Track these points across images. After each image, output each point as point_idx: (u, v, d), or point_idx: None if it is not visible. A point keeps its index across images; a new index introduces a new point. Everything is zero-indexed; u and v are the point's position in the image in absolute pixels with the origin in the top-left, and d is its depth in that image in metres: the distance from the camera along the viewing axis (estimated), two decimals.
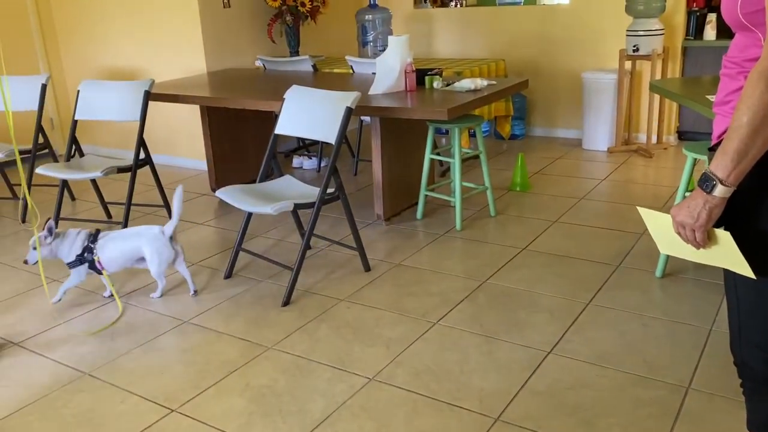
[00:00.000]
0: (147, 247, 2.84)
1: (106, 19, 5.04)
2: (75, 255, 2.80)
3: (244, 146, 4.45)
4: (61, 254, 2.81)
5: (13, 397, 2.24)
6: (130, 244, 2.86)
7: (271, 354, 2.46)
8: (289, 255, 3.33)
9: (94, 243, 2.82)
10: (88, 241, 2.82)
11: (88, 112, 3.73)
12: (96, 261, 2.81)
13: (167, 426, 2.07)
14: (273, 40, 5.09)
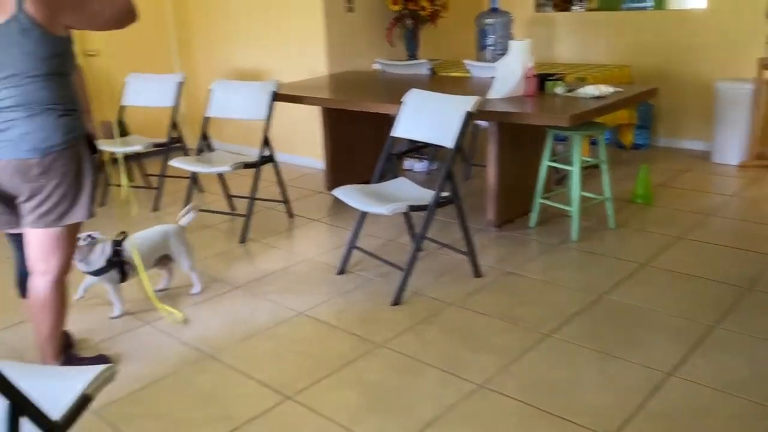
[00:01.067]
0: (174, 242, 2.95)
1: (236, 23, 5.32)
2: (105, 260, 2.72)
3: (359, 147, 4.55)
4: (92, 261, 2.71)
5: (146, 372, 2.42)
6: (158, 241, 2.90)
7: (382, 351, 2.51)
8: (398, 255, 3.37)
9: (120, 246, 2.77)
10: (114, 246, 2.76)
11: (218, 110, 3.96)
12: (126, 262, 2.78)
13: (283, 412, 2.16)
14: (392, 43, 5.18)
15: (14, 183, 2.05)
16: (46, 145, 2.02)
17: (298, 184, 4.77)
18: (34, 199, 2.07)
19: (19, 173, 2.02)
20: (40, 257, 2.16)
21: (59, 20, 1.98)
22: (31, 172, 2.03)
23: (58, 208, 2.09)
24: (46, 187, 2.06)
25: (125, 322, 2.80)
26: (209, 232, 3.88)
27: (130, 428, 2.11)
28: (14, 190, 2.08)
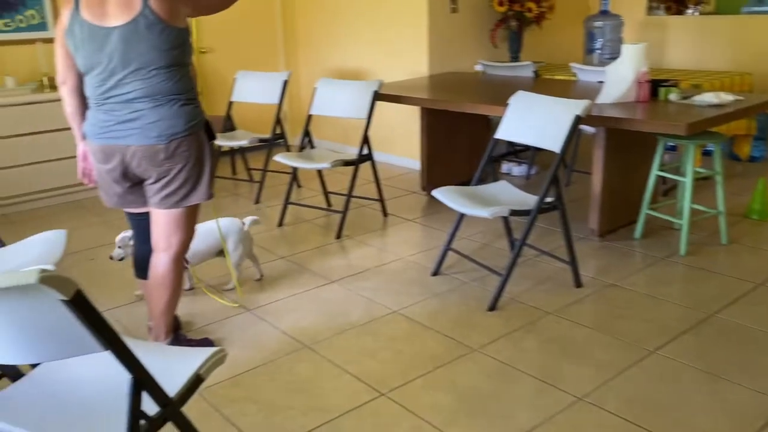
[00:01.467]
0: (232, 239, 2.99)
1: (340, 23, 5.42)
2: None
3: (457, 148, 4.52)
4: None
5: (246, 358, 2.50)
6: (214, 236, 2.94)
7: (477, 356, 2.47)
8: (495, 259, 3.32)
9: None
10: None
11: (321, 108, 4.04)
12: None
13: (377, 408, 2.17)
14: (495, 44, 5.11)
15: (143, 167, 2.20)
16: (171, 132, 2.16)
17: (394, 183, 4.80)
18: (161, 181, 2.22)
19: (147, 158, 2.18)
20: (163, 235, 2.31)
21: (179, 12, 2.11)
22: (158, 157, 2.17)
23: (181, 190, 2.24)
24: (171, 171, 2.20)
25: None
26: (306, 227, 3.97)
27: (229, 410, 2.18)
28: (143, 173, 2.23)
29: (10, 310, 1.19)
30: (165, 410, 1.41)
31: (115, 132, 2.17)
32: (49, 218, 4.23)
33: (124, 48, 2.07)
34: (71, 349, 1.27)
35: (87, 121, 2.26)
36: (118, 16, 2.06)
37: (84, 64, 2.15)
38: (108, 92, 2.15)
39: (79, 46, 2.11)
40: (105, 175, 2.29)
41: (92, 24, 2.08)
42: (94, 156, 2.28)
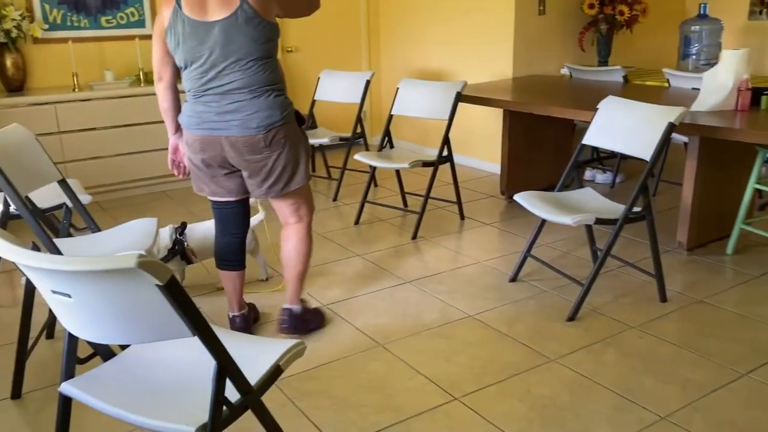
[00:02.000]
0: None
1: (423, 24, 5.41)
2: (167, 249, 2.88)
3: (539, 153, 4.42)
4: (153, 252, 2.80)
5: (321, 352, 2.53)
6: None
7: (554, 366, 2.40)
8: (575, 269, 3.22)
9: (182, 235, 2.93)
10: (176, 234, 2.92)
11: (403, 108, 4.04)
12: (188, 250, 2.93)
13: (450, 412, 2.15)
14: (583, 48, 4.98)
15: (241, 157, 2.32)
16: (270, 122, 2.27)
17: (472, 186, 4.75)
18: (261, 173, 2.35)
19: (247, 147, 2.29)
20: (290, 213, 2.50)
21: (271, 9, 2.24)
22: (258, 146, 2.29)
23: (282, 177, 2.37)
24: (270, 159, 2.32)
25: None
26: (382, 226, 3.98)
27: (303, 403, 2.21)
28: (238, 164, 2.35)
29: (108, 292, 1.24)
30: (246, 398, 1.44)
31: (215, 123, 2.28)
32: (137, 207, 4.43)
33: (225, 41, 2.19)
34: (162, 332, 1.31)
35: (184, 113, 2.37)
36: (218, 11, 2.19)
37: (185, 58, 2.26)
38: (207, 84, 2.26)
39: (181, 41, 2.23)
40: (200, 165, 2.40)
41: (194, 20, 2.21)
42: (190, 147, 2.38)
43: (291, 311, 2.63)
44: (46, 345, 2.62)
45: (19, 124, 2.41)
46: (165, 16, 2.26)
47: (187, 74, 2.30)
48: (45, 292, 1.33)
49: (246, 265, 2.63)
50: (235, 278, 2.59)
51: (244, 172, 2.37)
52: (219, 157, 2.34)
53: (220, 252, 2.59)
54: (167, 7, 2.25)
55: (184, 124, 2.37)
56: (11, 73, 4.36)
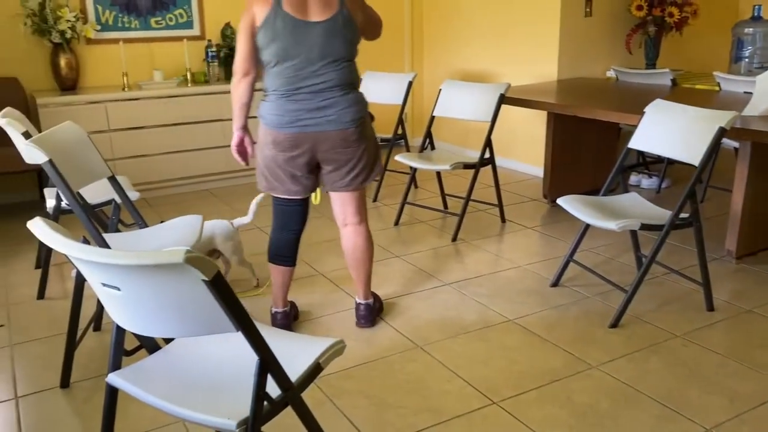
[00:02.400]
0: (220, 239, 2.97)
1: (467, 25, 5.39)
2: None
3: (583, 157, 4.36)
4: None
5: (360, 352, 2.54)
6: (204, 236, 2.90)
7: (595, 373, 2.37)
8: (619, 275, 3.17)
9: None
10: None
11: (445, 109, 4.03)
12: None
13: (488, 416, 2.13)
14: (630, 50, 4.88)
15: (332, 152, 2.43)
16: (359, 117, 2.43)
17: (514, 189, 4.71)
18: (347, 165, 2.47)
19: (339, 142, 2.41)
20: (355, 212, 2.60)
21: (359, 17, 2.42)
22: (350, 140, 2.43)
23: (365, 170, 2.52)
24: (358, 152, 2.46)
25: (343, 301, 2.97)
26: (422, 227, 3.97)
27: (341, 401, 2.22)
28: (327, 159, 2.45)
29: (156, 286, 1.27)
30: (286, 394, 1.46)
31: (307, 120, 2.38)
32: (182, 204, 4.52)
33: (324, 42, 2.33)
34: (206, 327, 1.34)
35: (269, 113, 2.42)
36: (320, 13, 2.33)
37: (278, 54, 2.34)
38: (300, 82, 2.36)
39: (277, 37, 2.31)
40: (282, 164, 2.45)
41: (295, 18, 2.30)
42: (278, 145, 2.42)
43: (369, 305, 2.75)
44: (94, 337, 2.70)
45: (72, 122, 2.48)
46: (257, 13, 2.32)
47: (276, 71, 2.37)
48: (95, 284, 1.37)
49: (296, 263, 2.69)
50: (286, 273, 2.64)
51: (329, 167, 2.47)
52: (308, 154, 2.43)
53: (276, 247, 2.62)
54: (262, 5, 2.31)
55: (271, 124, 2.41)
56: (65, 73, 4.50)
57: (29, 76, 4.53)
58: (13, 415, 2.19)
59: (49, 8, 4.32)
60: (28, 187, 4.63)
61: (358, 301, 2.75)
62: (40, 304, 3.02)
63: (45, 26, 4.32)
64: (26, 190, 4.64)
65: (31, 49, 4.50)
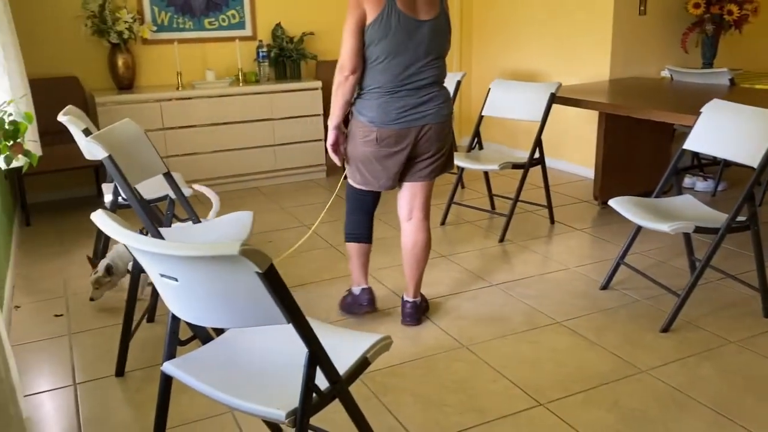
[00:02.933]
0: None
1: (516, 24, 5.34)
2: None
3: (636, 158, 4.27)
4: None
5: (406, 350, 2.55)
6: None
7: (645, 378, 2.32)
8: (671, 278, 3.09)
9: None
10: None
11: (494, 109, 4.00)
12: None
13: (534, 417, 2.11)
14: (686, 50, 4.76)
15: (430, 144, 2.53)
16: (450, 111, 2.58)
17: (563, 190, 4.64)
18: (437, 155, 2.57)
19: (436, 133, 2.52)
20: (422, 205, 2.67)
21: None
22: (444, 131, 2.55)
23: (448, 160, 2.65)
24: (447, 143, 2.59)
25: (388, 299, 2.98)
26: (468, 228, 3.96)
27: (387, 398, 2.24)
28: (425, 150, 2.54)
29: (212, 277, 1.31)
30: (335, 387, 1.48)
31: (411, 115, 2.47)
32: (232, 201, 4.62)
33: (429, 39, 2.44)
34: (258, 318, 1.37)
35: (371, 109, 2.47)
36: (427, 12, 2.42)
37: (389, 51, 2.40)
38: (406, 78, 2.44)
39: (390, 34, 2.38)
40: (383, 159, 2.52)
41: (408, 16, 2.38)
42: (382, 142, 2.48)
43: (416, 304, 2.77)
44: (147, 328, 2.78)
45: (130, 120, 2.57)
46: (368, 11, 2.36)
47: (381, 68, 2.42)
48: (154, 275, 1.42)
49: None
50: (365, 250, 2.75)
51: (420, 158, 2.56)
52: (409, 149, 2.51)
53: (355, 227, 2.72)
54: (374, 3, 2.35)
55: (376, 121, 2.46)
56: (122, 72, 4.65)
57: (88, 76, 4.69)
58: (72, 401, 2.27)
59: (108, 10, 4.47)
60: (86, 183, 4.80)
61: (405, 299, 2.77)
62: None
63: (104, 27, 4.47)
64: (84, 185, 4.81)
65: (91, 50, 4.66)
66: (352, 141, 2.55)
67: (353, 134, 2.54)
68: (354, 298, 2.82)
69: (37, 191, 4.63)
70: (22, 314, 2.94)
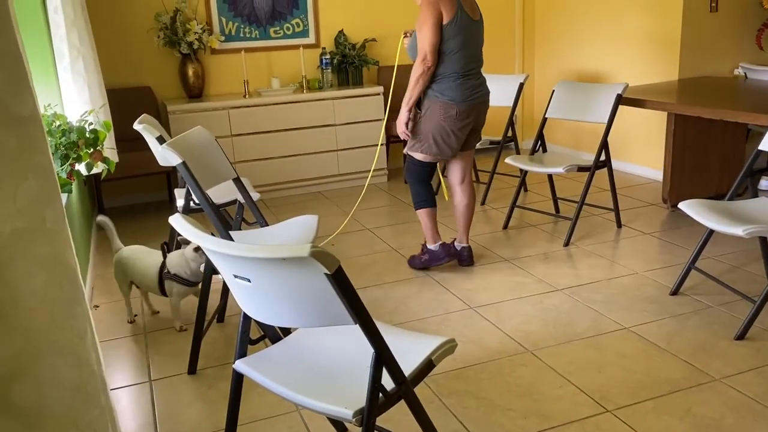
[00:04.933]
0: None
1: (580, 24, 5.25)
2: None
3: (707, 159, 4.13)
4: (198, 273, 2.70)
5: (470, 354, 2.55)
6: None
7: (719, 386, 2.24)
8: (745, 284, 2.98)
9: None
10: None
11: (558, 111, 3.95)
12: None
13: (601, 424, 2.08)
14: (761, 46, 4.57)
15: (482, 117, 3.21)
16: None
17: (630, 193, 4.53)
18: (482, 127, 3.26)
19: (485, 110, 3.23)
20: (467, 170, 3.31)
21: None
22: (486, 109, 3.24)
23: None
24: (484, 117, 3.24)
25: (451, 303, 2.98)
26: (532, 231, 3.91)
27: (451, 401, 2.24)
28: (479, 123, 3.21)
29: (282, 278, 1.36)
30: (400, 387, 1.50)
31: (476, 94, 3.12)
32: (297, 205, 4.71)
33: (479, 34, 3.10)
34: (326, 318, 1.40)
35: (451, 89, 3.04)
36: (476, 14, 3.09)
37: (462, 44, 3.00)
38: (469, 65, 3.07)
39: (462, 31, 2.99)
40: (458, 131, 3.11)
41: (470, 17, 3.03)
42: (460, 115, 3.07)
43: (470, 248, 3.39)
44: (217, 328, 2.88)
45: (202, 127, 2.67)
46: (445, 13, 2.94)
47: (456, 57, 3.01)
48: (227, 276, 1.47)
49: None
50: (433, 213, 3.27)
51: (474, 131, 3.21)
52: (475, 120, 3.14)
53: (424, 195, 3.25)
54: (449, 7, 2.94)
55: (458, 98, 3.05)
56: (192, 81, 4.83)
57: (161, 85, 4.89)
58: (148, 397, 2.38)
59: (179, 22, 4.66)
60: (159, 188, 5.00)
61: (462, 246, 3.36)
62: None
63: (175, 38, 4.66)
64: (157, 190, 5.01)
65: (163, 60, 4.86)
66: (431, 119, 3.08)
67: (432, 113, 3.08)
68: (432, 254, 3.33)
69: (113, 196, 4.85)
70: (101, 313, 3.09)
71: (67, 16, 3.17)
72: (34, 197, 1.15)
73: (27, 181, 1.14)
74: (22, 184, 1.13)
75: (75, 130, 2.70)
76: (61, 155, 2.66)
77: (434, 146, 3.11)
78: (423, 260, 3.36)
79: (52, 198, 1.19)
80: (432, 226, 3.28)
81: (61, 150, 2.66)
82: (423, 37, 2.95)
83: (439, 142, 3.10)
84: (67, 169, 2.68)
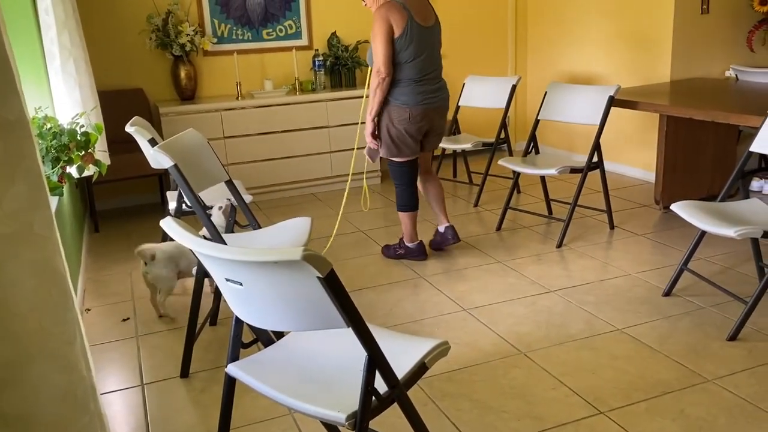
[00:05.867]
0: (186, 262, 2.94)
1: (572, 26, 5.26)
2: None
3: (698, 161, 4.14)
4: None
5: (463, 356, 2.55)
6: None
7: (711, 387, 2.25)
8: (737, 285, 2.99)
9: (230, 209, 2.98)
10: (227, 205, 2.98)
11: (550, 112, 3.96)
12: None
13: (595, 425, 2.08)
14: (752, 48, 4.59)
15: (439, 122, 3.34)
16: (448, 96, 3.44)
17: (622, 194, 4.54)
18: (442, 132, 3.43)
19: (443, 114, 3.37)
20: (427, 165, 3.55)
21: None
22: (445, 112, 3.40)
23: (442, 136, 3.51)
24: (445, 121, 3.41)
25: (444, 305, 2.98)
26: (525, 233, 3.92)
27: (444, 403, 2.24)
28: (434, 127, 3.33)
29: (275, 282, 1.35)
30: (393, 391, 1.49)
31: (430, 98, 3.25)
32: (290, 207, 4.70)
33: (434, 40, 3.23)
34: (319, 322, 1.40)
35: (405, 94, 3.19)
36: (428, 19, 3.19)
37: (415, 52, 3.13)
38: (425, 71, 3.20)
39: (414, 40, 3.11)
40: (414, 134, 3.26)
41: (420, 25, 3.14)
42: (413, 119, 3.21)
43: (452, 226, 3.58)
44: (210, 331, 2.87)
45: (194, 129, 2.66)
46: (395, 24, 3.07)
47: (411, 65, 3.15)
48: (219, 279, 1.47)
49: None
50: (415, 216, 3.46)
51: (432, 132, 3.35)
52: (428, 124, 3.27)
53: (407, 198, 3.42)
54: (398, 18, 3.07)
55: (409, 102, 3.19)
56: (184, 83, 4.81)
57: (153, 87, 4.87)
58: (140, 401, 2.37)
59: (171, 23, 4.64)
60: (151, 191, 4.97)
61: (445, 226, 3.56)
62: None
63: (167, 40, 4.64)
64: (149, 193, 4.99)
65: (155, 62, 4.84)
66: (388, 123, 3.23)
67: (390, 118, 3.23)
68: (408, 250, 3.52)
69: (104, 199, 4.83)
70: (92, 317, 3.08)
71: (57, 17, 3.15)
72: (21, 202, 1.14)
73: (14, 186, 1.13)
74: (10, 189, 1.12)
75: (66, 132, 2.69)
76: (52, 158, 2.65)
77: (393, 147, 3.28)
78: (398, 253, 3.56)
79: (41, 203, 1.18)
80: (412, 228, 3.48)
81: (52, 153, 2.64)
82: (376, 51, 3.11)
83: (397, 143, 3.27)
84: (58, 171, 2.66)
